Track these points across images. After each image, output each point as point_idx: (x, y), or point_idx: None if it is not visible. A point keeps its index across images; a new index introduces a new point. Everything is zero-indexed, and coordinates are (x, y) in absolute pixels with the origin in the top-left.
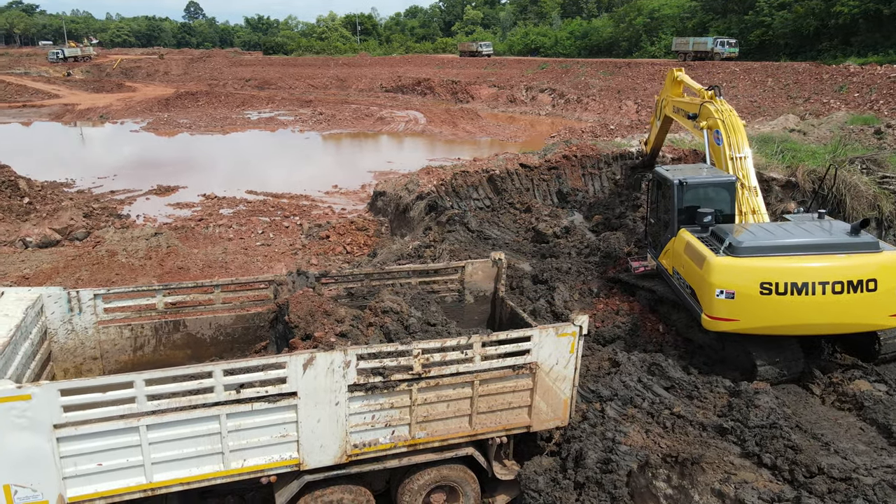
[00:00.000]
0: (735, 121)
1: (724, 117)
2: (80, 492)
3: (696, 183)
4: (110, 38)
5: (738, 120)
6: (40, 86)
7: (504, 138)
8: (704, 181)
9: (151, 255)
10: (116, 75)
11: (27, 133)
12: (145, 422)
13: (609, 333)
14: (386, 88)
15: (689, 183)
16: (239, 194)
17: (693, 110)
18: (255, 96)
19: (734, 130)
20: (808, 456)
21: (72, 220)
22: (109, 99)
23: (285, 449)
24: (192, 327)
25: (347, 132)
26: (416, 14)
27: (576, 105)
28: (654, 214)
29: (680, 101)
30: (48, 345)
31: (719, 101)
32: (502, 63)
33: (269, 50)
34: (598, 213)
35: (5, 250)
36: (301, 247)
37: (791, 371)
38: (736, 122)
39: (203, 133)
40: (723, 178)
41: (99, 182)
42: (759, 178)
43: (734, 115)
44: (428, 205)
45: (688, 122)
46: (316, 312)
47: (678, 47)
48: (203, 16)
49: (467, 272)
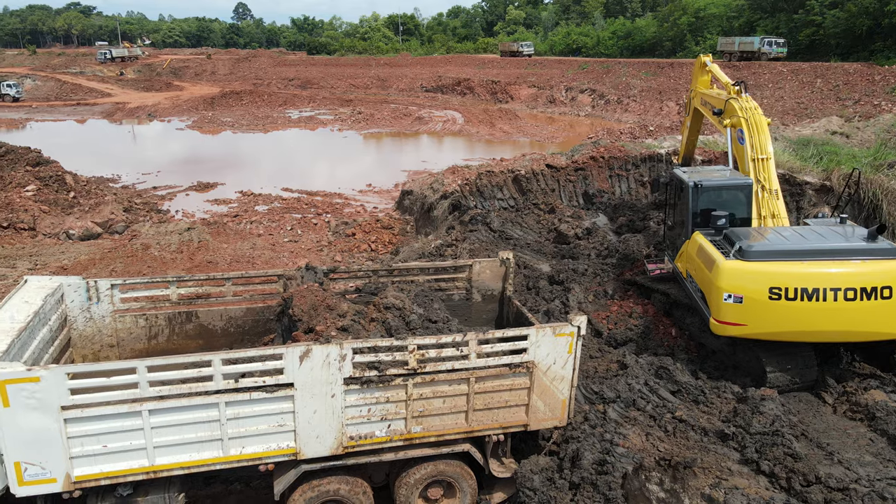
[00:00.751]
0: (759, 120)
1: (749, 115)
2: (87, 471)
3: (711, 185)
4: (162, 39)
5: (762, 119)
6: (94, 84)
7: (541, 139)
8: (720, 184)
9: (183, 248)
10: (166, 75)
11: (79, 130)
12: (147, 407)
13: (621, 336)
14: (426, 88)
15: (705, 185)
16: (275, 191)
17: (719, 105)
18: (297, 95)
19: (758, 130)
20: (808, 465)
21: (112, 214)
22: (158, 98)
23: (283, 438)
24: (204, 318)
25: (385, 131)
26: (458, 14)
27: (616, 106)
28: (671, 217)
29: (707, 93)
30: (68, 331)
31: (745, 98)
32: (543, 63)
33: (313, 50)
34: (622, 214)
35: (48, 242)
36: (327, 244)
37: (804, 379)
38: (760, 122)
39: (245, 131)
40: (739, 181)
41: (143, 178)
42: (793, 181)
43: (759, 113)
44: (451, 204)
45: (714, 118)
46: (319, 307)
47: (723, 47)
48: (251, 17)
49: (475, 271)
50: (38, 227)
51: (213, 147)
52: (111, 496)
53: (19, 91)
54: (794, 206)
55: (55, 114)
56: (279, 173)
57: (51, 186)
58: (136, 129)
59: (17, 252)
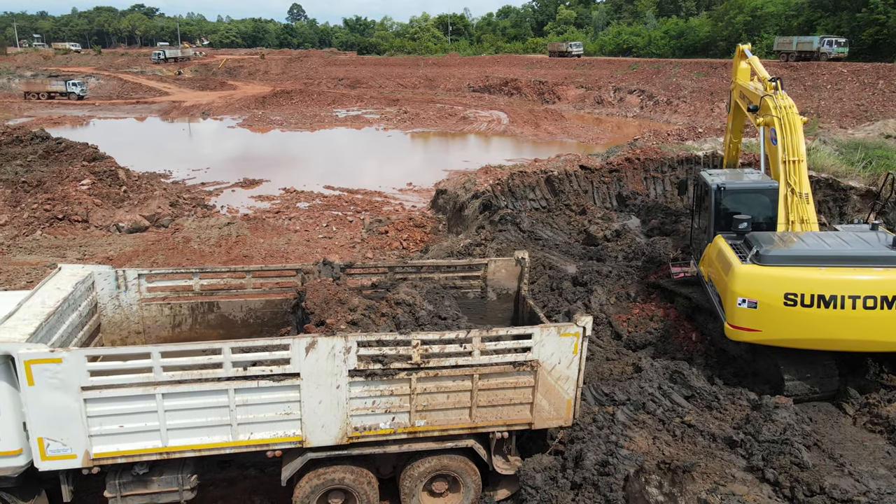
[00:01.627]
0: (794, 120)
1: (782, 115)
2: (104, 449)
3: (735, 188)
4: (219, 40)
5: (797, 119)
6: (153, 84)
7: (586, 140)
8: (744, 186)
9: (221, 242)
10: (221, 74)
11: (137, 127)
12: (161, 390)
13: (641, 339)
14: (473, 88)
15: (728, 188)
16: (317, 189)
17: (755, 101)
18: (346, 95)
19: (791, 130)
20: (814, 475)
21: (159, 208)
22: (212, 97)
23: (289, 426)
24: (224, 309)
25: (429, 131)
26: (508, 14)
27: (665, 107)
28: (696, 220)
29: (746, 86)
30: (97, 318)
31: (780, 96)
32: (592, 63)
33: (363, 50)
34: (655, 217)
35: (98, 233)
36: (360, 241)
37: (823, 388)
38: (795, 122)
39: (293, 130)
40: (764, 184)
41: (193, 174)
42: (836, 186)
43: (794, 112)
44: (482, 204)
45: (750, 115)
46: (331, 300)
47: (780, 47)
48: (305, 17)
49: (490, 270)
50: (90, 219)
51: (261, 145)
52: (128, 474)
53: (84, 89)
54: (838, 212)
55: (116, 111)
56: (323, 171)
57: (104, 181)
58: (190, 126)
59: (68, 242)
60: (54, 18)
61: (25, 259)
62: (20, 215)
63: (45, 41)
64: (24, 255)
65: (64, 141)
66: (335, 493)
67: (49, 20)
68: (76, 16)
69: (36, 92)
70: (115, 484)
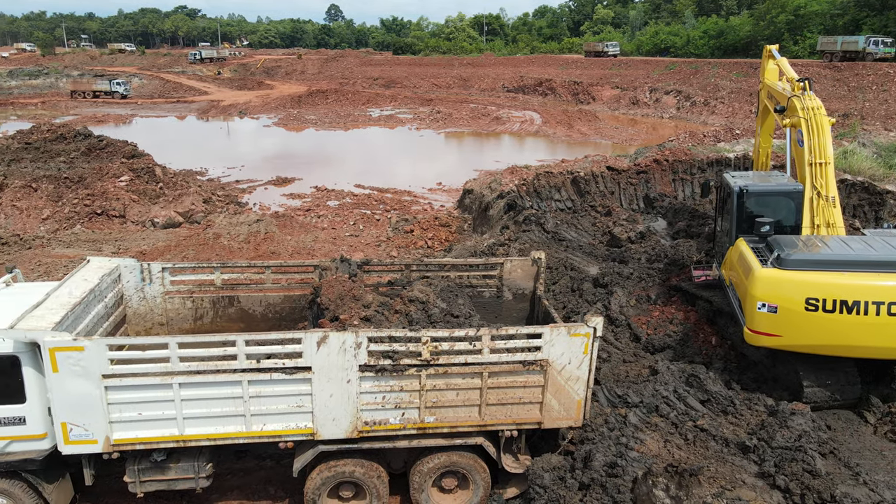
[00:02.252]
0: (822, 121)
1: (810, 116)
2: (124, 436)
3: (758, 191)
4: (258, 40)
5: (825, 120)
6: (193, 83)
7: (619, 141)
8: (767, 189)
9: (250, 239)
10: (259, 74)
11: (176, 125)
12: (178, 380)
13: (659, 342)
14: (507, 88)
15: (751, 190)
16: (347, 187)
17: (782, 102)
18: (380, 94)
19: (818, 132)
20: (826, 483)
21: (192, 204)
22: (249, 96)
23: (301, 419)
24: (244, 303)
25: (462, 131)
26: (544, 14)
27: (702, 108)
28: (720, 222)
29: (773, 86)
30: (123, 309)
31: (808, 97)
32: (628, 63)
33: (399, 50)
34: (682, 219)
35: (133, 228)
36: (386, 239)
37: (844, 396)
38: (822, 124)
39: (327, 129)
40: (788, 187)
41: (227, 172)
42: (872, 190)
43: (822, 114)
44: (507, 204)
45: (777, 116)
46: (345, 297)
47: (824, 47)
48: (342, 18)
49: (506, 269)
50: (127, 214)
51: (295, 143)
52: (146, 461)
53: (127, 89)
54: (874, 216)
55: (157, 110)
56: (354, 170)
57: (142, 177)
58: (227, 125)
59: (104, 237)
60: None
61: (64, 252)
62: (61, 210)
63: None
64: (63, 248)
65: (105, 138)
66: (346, 485)
67: (96, 21)
68: (122, 17)
69: (82, 91)
70: (135, 469)
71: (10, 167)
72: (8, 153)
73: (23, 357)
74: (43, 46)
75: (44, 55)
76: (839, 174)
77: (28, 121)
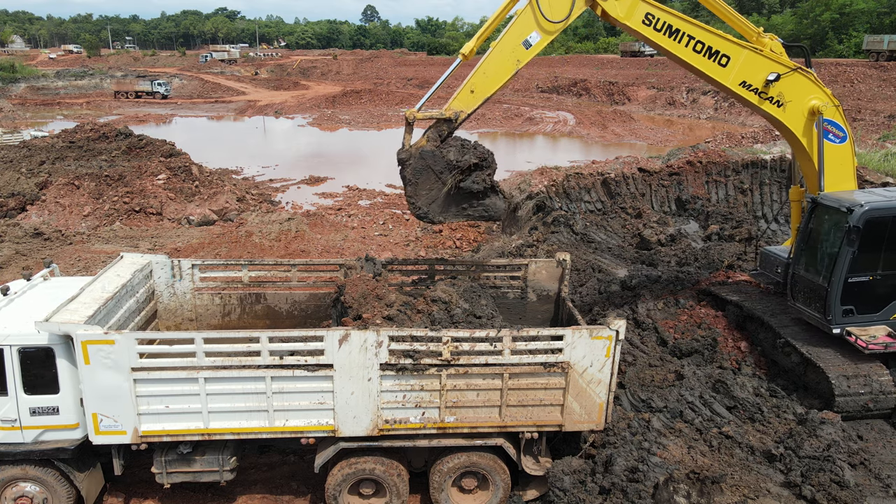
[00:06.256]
0: None
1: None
2: (151, 428)
3: None
4: (296, 41)
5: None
6: (231, 83)
7: (654, 142)
8: None
9: (281, 237)
10: (295, 74)
11: (214, 125)
12: (204, 375)
13: (686, 346)
14: (541, 89)
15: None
16: (379, 187)
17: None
18: (414, 95)
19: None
20: (853, 494)
21: (226, 203)
22: (285, 96)
23: (322, 415)
24: (271, 300)
25: (495, 131)
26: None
27: (741, 109)
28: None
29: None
30: (154, 304)
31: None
32: (664, 63)
33: (433, 51)
34: (715, 222)
35: (169, 225)
36: (415, 239)
37: (878, 405)
38: None
39: (360, 129)
40: None
41: (262, 171)
42: None
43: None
44: (536, 205)
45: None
46: (369, 296)
47: (870, 46)
48: (378, 18)
49: (530, 270)
50: (163, 212)
51: (328, 143)
52: (173, 452)
53: (168, 89)
54: None
55: (196, 110)
56: (386, 170)
57: (179, 176)
58: (262, 125)
59: (141, 234)
60: (145, 22)
61: (102, 248)
62: (102, 207)
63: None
64: (102, 244)
65: (145, 138)
66: (366, 483)
67: (140, 23)
68: (164, 19)
69: (125, 91)
70: (162, 461)
71: (54, 165)
72: (53, 152)
73: (57, 349)
74: (89, 48)
75: (89, 56)
76: (882, 177)
77: (73, 120)
